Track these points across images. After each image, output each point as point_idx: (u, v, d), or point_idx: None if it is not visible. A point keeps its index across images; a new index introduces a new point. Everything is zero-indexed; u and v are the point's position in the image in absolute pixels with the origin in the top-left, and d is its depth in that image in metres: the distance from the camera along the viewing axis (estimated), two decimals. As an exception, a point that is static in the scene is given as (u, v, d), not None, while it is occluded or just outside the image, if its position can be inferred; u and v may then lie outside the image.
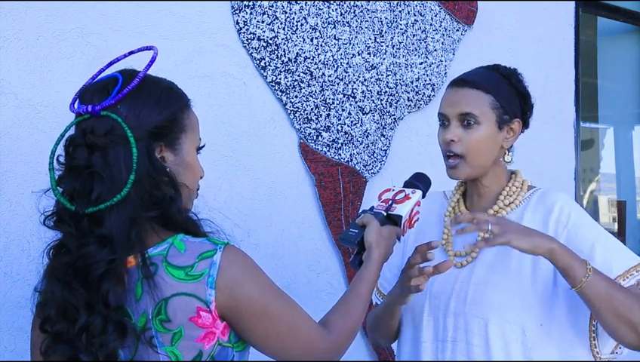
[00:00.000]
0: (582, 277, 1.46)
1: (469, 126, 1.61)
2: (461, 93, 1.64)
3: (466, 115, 1.61)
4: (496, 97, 1.63)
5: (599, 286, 1.47)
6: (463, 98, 1.63)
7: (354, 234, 1.51)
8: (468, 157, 1.62)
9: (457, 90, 1.65)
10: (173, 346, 1.20)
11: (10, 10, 2.00)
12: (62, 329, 1.22)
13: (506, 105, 1.65)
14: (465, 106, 1.61)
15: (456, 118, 1.62)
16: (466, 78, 1.66)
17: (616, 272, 1.56)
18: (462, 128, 1.62)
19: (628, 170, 4.72)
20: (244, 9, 2.44)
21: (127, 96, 1.24)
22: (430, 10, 2.97)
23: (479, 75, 1.67)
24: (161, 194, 1.23)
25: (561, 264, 1.48)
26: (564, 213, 1.62)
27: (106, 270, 1.19)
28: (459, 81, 1.66)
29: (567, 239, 1.59)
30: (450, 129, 1.63)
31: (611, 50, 4.53)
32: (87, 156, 1.22)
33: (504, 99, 1.65)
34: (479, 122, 1.61)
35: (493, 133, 1.64)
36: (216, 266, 1.22)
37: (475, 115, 1.61)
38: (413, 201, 1.57)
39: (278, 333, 1.26)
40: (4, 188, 1.98)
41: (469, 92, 1.63)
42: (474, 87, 1.63)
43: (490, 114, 1.63)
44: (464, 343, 1.62)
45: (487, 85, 1.64)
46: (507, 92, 1.66)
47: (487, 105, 1.63)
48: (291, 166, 2.60)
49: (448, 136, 1.62)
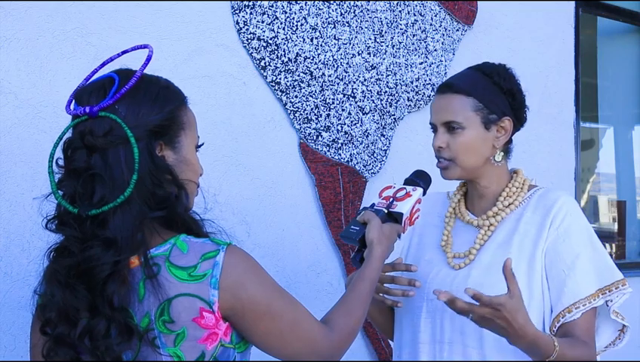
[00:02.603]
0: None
1: (453, 131, 1.63)
2: (444, 100, 1.65)
3: (450, 123, 1.63)
4: (478, 98, 1.63)
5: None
6: (446, 105, 1.65)
7: (355, 231, 1.52)
8: (457, 160, 1.64)
9: (441, 96, 1.67)
10: (176, 347, 1.20)
11: (10, 10, 2.00)
12: (63, 332, 1.21)
13: (490, 105, 1.64)
14: (448, 114, 1.64)
15: (442, 125, 1.65)
16: (449, 83, 1.67)
17: (586, 292, 1.59)
18: (448, 134, 1.64)
19: (628, 170, 4.72)
20: (244, 9, 2.44)
21: (125, 96, 1.23)
22: (430, 10, 2.97)
23: (461, 77, 1.68)
24: (165, 193, 1.23)
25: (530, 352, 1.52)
26: (559, 214, 1.62)
27: (111, 272, 1.18)
28: (442, 87, 1.68)
29: (555, 242, 1.60)
30: (437, 136, 1.66)
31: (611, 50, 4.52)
32: (86, 158, 1.21)
33: (486, 99, 1.64)
34: (463, 127, 1.63)
35: (480, 135, 1.64)
36: (219, 267, 1.21)
37: (457, 122, 1.63)
38: (414, 199, 1.57)
39: (280, 332, 1.26)
40: (4, 188, 1.98)
41: (451, 98, 1.64)
42: (455, 91, 1.64)
43: (473, 117, 1.63)
44: (460, 345, 1.63)
45: (468, 88, 1.64)
46: (490, 91, 1.65)
47: (469, 109, 1.63)
48: (291, 166, 2.60)
49: (437, 144, 1.65)
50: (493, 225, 1.67)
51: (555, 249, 1.60)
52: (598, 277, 1.61)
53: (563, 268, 1.58)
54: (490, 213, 1.68)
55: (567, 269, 1.58)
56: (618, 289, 1.62)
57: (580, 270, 1.59)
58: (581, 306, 1.57)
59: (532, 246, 1.62)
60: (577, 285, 1.58)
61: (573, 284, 1.58)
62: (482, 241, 1.67)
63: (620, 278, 1.63)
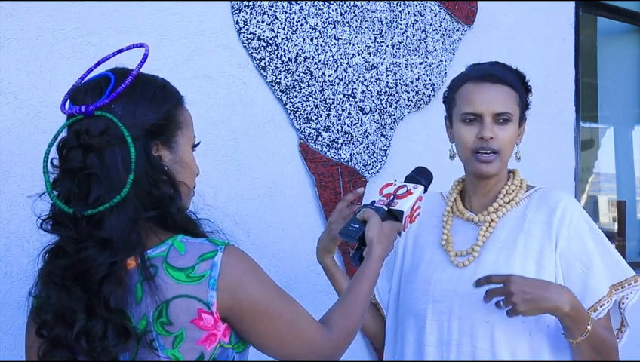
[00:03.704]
0: (579, 335, 1.50)
1: (503, 123, 1.61)
2: (495, 90, 1.61)
3: (503, 114, 1.61)
4: (519, 94, 1.65)
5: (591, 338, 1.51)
6: (498, 95, 1.61)
7: (355, 229, 1.49)
8: (501, 153, 1.62)
9: (490, 86, 1.62)
10: (174, 349, 1.19)
11: (10, 10, 2.00)
12: (60, 334, 1.20)
13: (524, 103, 1.67)
14: (502, 105, 1.60)
15: (492, 116, 1.60)
16: (495, 74, 1.63)
17: (605, 290, 1.59)
18: (496, 125, 1.61)
19: (628, 170, 4.72)
20: (244, 9, 2.44)
21: (121, 95, 1.22)
22: (430, 10, 2.97)
23: (501, 71, 1.65)
24: (161, 194, 1.22)
25: (566, 323, 1.51)
26: (567, 213, 1.62)
27: (107, 273, 1.17)
28: (488, 77, 1.63)
29: (568, 242, 1.60)
30: (486, 126, 1.59)
31: (611, 50, 4.52)
32: (82, 158, 1.20)
33: (524, 97, 1.67)
34: (511, 120, 1.62)
35: (516, 130, 1.66)
36: (218, 267, 1.21)
37: (510, 114, 1.61)
38: (415, 196, 1.56)
39: (279, 332, 1.26)
40: (4, 188, 1.98)
41: (501, 89, 1.62)
42: (505, 83, 1.62)
43: (517, 111, 1.64)
44: (469, 346, 1.61)
45: (513, 82, 1.64)
46: (522, 89, 1.67)
47: (516, 103, 1.64)
48: (291, 166, 2.60)
49: (488, 134, 1.59)
50: (495, 221, 1.67)
51: (570, 249, 1.60)
52: (610, 273, 1.61)
53: (582, 268, 1.58)
54: (491, 209, 1.68)
55: (586, 269, 1.57)
56: (631, 285, 1.62)
57: (597, 268, 1.59)
58: (605, 303, 1.58)
59: (539, 246, 1.62)
60: (597, 283, 1.58)
61: (594, 283, 1.58)
62: (484, 238, 1.66)
63: (632, 274, 1.63)
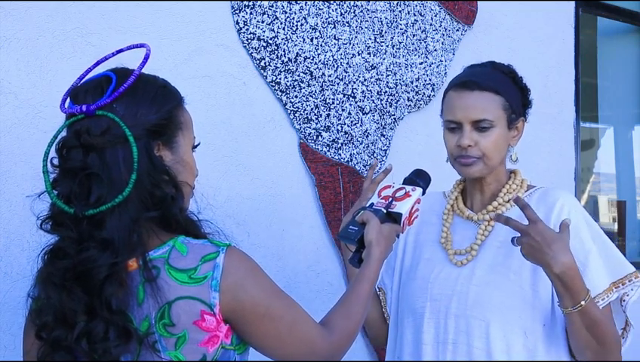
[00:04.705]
0: (570, 306, 1.48)
1: (484, 130, 1.60)
2: (473, 97, 1.60)
3: (481, 121, 1.60)
4: (505, 97, 1.62)
5: (583, 314, 1.49)
6: (476, 102, 1.60)
7: (354, 231, 1.50)
8: (485, 158, 1.62)
9: (468, 93, 1.61)
10: (177, 350, 1.19)
11: (10, 10, 2.00)
12: (60, 336, 1.19)
13: (514, 105, 1.64)
14: (480, 112, 1.59)
15: (470, 123, 1.60)
16: (474, 80, 1.62)
17: (602, 287, 1.58)
18: (476, 132, 1.60)
19: (628, 170, 4.72)
20: (244, 9, 2.44)
21: (123, 95, 1.21)
22: (430, 10, 2.97)
23: (485, 75, 1.64)
24: (163, 194, 1.22)
25: (557, 287, 1.49)
26: (564, 211, 1.62)
27: (108, 274, 1.16)
28: (468, 83, 1.62)
29: None
30: (465, 134, 1.60)
31: (611, 50, 4.52)
32: (82, 157, 1.19)
33: (512, 99, 1.64)
34: (494, 125, 1.60)
35: (504, 134, 1.63)
36: (220, 269, 1.20)
37: (490, 120, 1.60)
38: (414, 199, 1.56)
39: (279, 334, 1.25)
40: (4, 188, 1.98)
41: (481, 95, 1.60)
42: (483, 89, 1.60)
43: (502, 115, 1.62)
44: (465, 345, 1.61)
45: (496, 86, 1.61)
46: (513, 91, 1.65)
47: (500, 108, 1.61)
48: (291, 166, 2.60)
49: (465, 142, 1.59)
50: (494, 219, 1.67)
51: None
52: (610, 271, 1.60)
53: (579, 265, 1.56)
54: (491, 208, 1.68)
55: (582, 266, 1.56)
56: (631, 281, 1.61)
57: (594, 265, 1.58)
58: (600, 301, 1.56)
59: None
60: (593, 281, 1.57)
61: (591, 280, 1.56)
62: (483, 237, 1.67)
63: (632, 271, 1.62)
